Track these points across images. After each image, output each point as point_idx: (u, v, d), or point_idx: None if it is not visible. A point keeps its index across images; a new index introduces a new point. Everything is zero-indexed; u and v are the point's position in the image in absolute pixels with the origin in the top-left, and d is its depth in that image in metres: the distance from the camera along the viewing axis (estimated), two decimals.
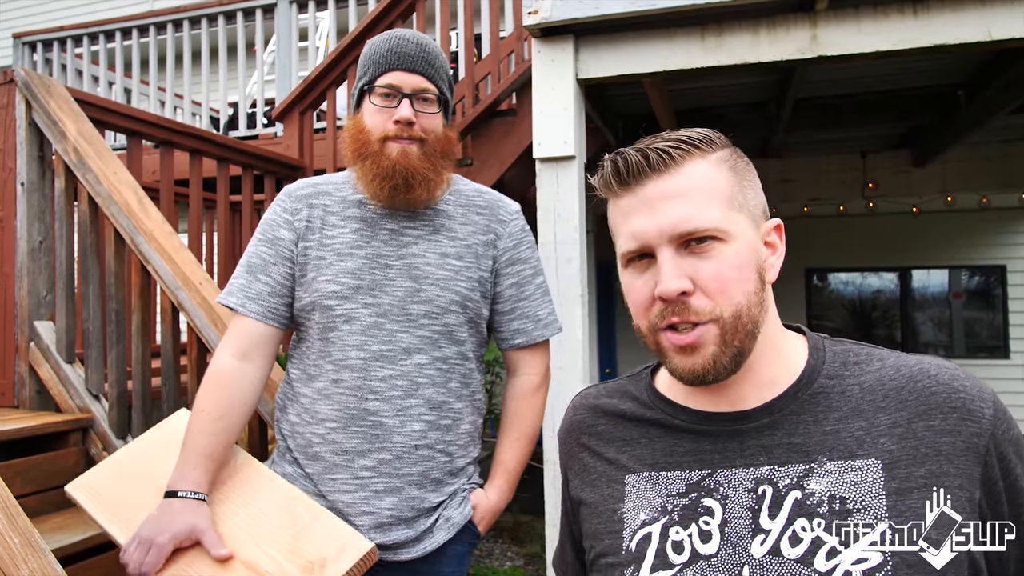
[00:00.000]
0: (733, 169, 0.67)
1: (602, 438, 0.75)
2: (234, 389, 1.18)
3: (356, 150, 1.21)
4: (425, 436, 1.21)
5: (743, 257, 0.64)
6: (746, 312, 0.64)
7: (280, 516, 1.07)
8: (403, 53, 1.20)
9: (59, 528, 1.79)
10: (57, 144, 2.06)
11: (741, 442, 0.66)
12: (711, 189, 0.64)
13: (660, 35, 2.31)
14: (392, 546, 1.20)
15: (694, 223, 0.63)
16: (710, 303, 0.63)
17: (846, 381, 0.66)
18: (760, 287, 0.65)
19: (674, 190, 0.64)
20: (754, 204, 0.67)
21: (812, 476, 0.62)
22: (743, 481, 0.64)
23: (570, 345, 2.22)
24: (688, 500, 0.66)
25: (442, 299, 1.22)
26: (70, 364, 2.11)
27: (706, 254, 0.63)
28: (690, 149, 0.65)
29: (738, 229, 0.64)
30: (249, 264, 1.23)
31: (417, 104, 1.20)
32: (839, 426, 0.63)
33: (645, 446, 0.71)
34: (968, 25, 2.15)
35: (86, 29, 4.47)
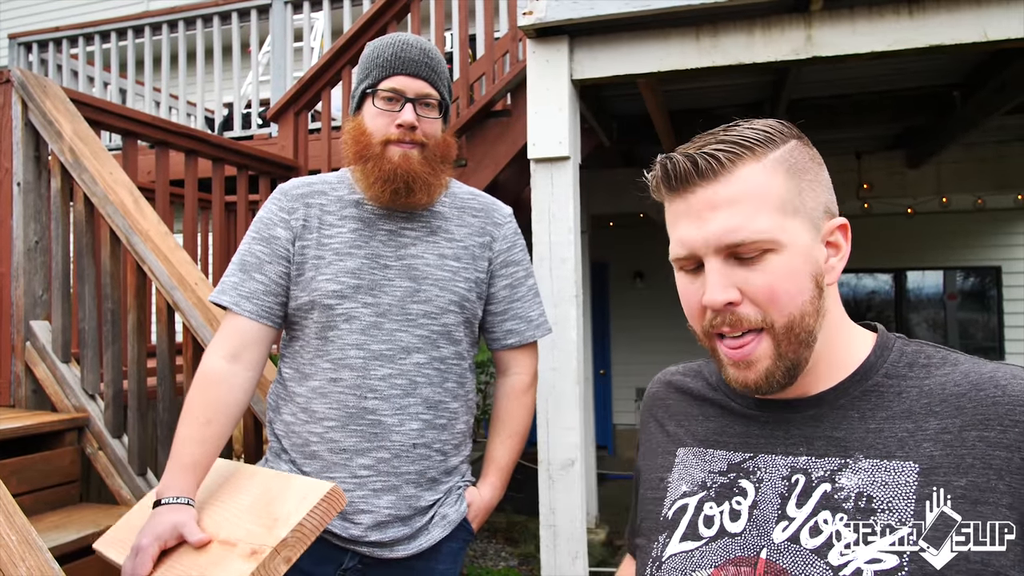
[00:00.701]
0: (791, 170, 0.64)
1: (668, 411, 0.79)
2: (223, 392, 1.17)
3: (357, 152, 1.22)
4: (423, 435, 1.22)
5: (796, 266, 0.62)
6: (799, 323, 0.62)
7: (256, 495, 1.08)
8: (408, 58, 1.21)
9: (55, 527, 1.79)
10: (53, 144, 2.07)
11: (787, 430, 0.67)
12: (761, 196, 0.62)
13: (655, 36, 2.32)
14: (389, 543, 1.21)
15: (741, 234, 0.61)
16: (760, 312, 0.62)
17: (907, 382, 0.64)
18: (816, 294, 0.63)
19: (721, 199, 0.62)
20: (813, 206, 0.65)
21: (845, 471, 0.61)
22: (780, 468, 0.65)
23: (564, 346, 2.23)
24: (726, 479, 0.68)
25: (441, 299, 1.23)
26: (66, 364, 2.12)
27: (756, 265, 0.62)
28: (742, 153, 0.63)
29: (791, 237, 0.62)
30: (243, 262, 1.23)
31: (419, 109, 1.21)
32: (884, 425, 0.62)
33: (701, 423, 0.74)
34: (964, 25, 2.16)
35: (81, 30, 4.47)
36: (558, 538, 2.23)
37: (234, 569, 0.92)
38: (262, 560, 0.92)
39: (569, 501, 2.23)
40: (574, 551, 2.21)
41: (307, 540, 0.97)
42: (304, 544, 0.97)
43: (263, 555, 0.92)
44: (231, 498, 1.11)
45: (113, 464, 2.03)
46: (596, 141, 3.48)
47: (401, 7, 3.05)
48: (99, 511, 1.94)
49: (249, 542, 0.96)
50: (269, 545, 0.93)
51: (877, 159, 4.79)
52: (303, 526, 0.96)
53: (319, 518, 0.98)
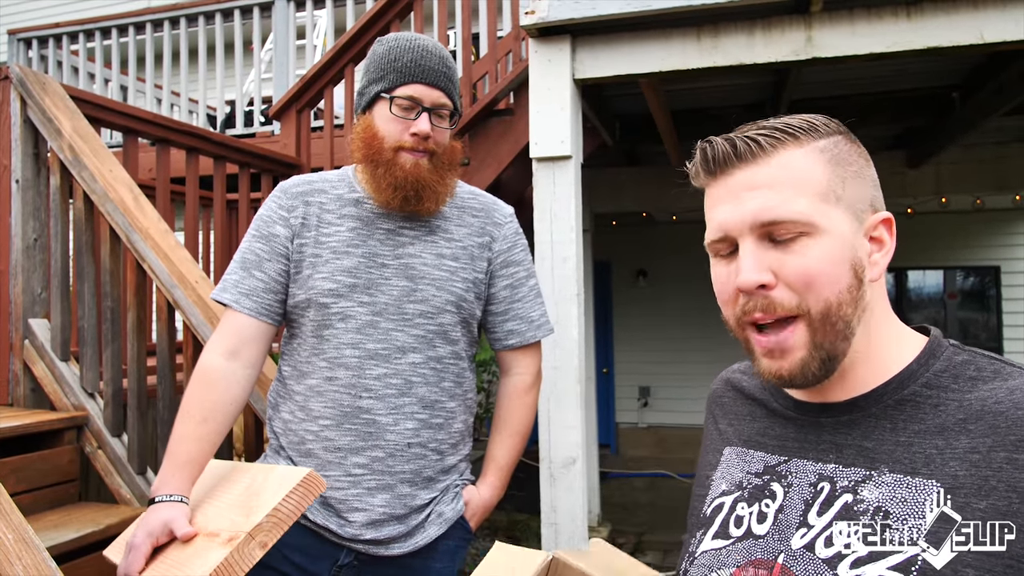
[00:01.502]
0: (835, 160, 0.63)
1: (724, 409, 0.79)
2: (220, 390, 1.17)
3: (368, 155, 1.21)
4: (418, 434, 1.21)
5: (833, 252, 0.60)
6: (836, 311, 0.60)
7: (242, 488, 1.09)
8: (427, 67, 1.20)
9: (53, 526, 1.79)
10: (52, 141, 2.06)
11: (818, 435, 0.65)
12: (802, 180, 0.61)
13: (656, 36, 2.32)
14: (384, 541, 1.21)
15: (776, 212, 0.60)
16: (795, 297, 0.60)
17: (947, 395, 0.61)
18: (856, 285, 0.61)
19: (761, 180, 0.61)
20: (856, 198, 0.63)
21: (868, 483, 0.60)
22: (808, 474, 0.64)
23: (566, 344, 2.23)
24: (760, 481, 0.67)
25: (438, 299, 1.23)
26: (65, 362, 2.11)
27: (792, 247, 0.60)
28: (784, 138, 0.62)
29: (830, 223, 0.61)
30: (243, 260, 1.23)
31: (434, 118, 1.21)
32: (914, 439, 0.60)
33: (748, 423, 0.74)
34: (961, 27, 2.17)
35: (82, 26, 4.46)
36: (559, 536, 2.23)
37: (212, 557, 0.94)
38: (236, 545, 0.93)
39: (570, 499, 2.23)
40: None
41: (284, 525, 0.98)
42: (281, 529, 0.98)
43: (238, 540, 0.94)
44: (222, 494, 1.11)
45: (112, 463, 2.03)
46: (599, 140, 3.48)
47: (404, 5, 3.05)
48: (98, 510, 1.94)
49: (229, 530, 0.98)
50: (244, 531, 0.95)
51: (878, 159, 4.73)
52: (278, 511, 0.97)
53: (295, 503, 0.99)
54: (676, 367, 6.46)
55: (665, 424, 6.59)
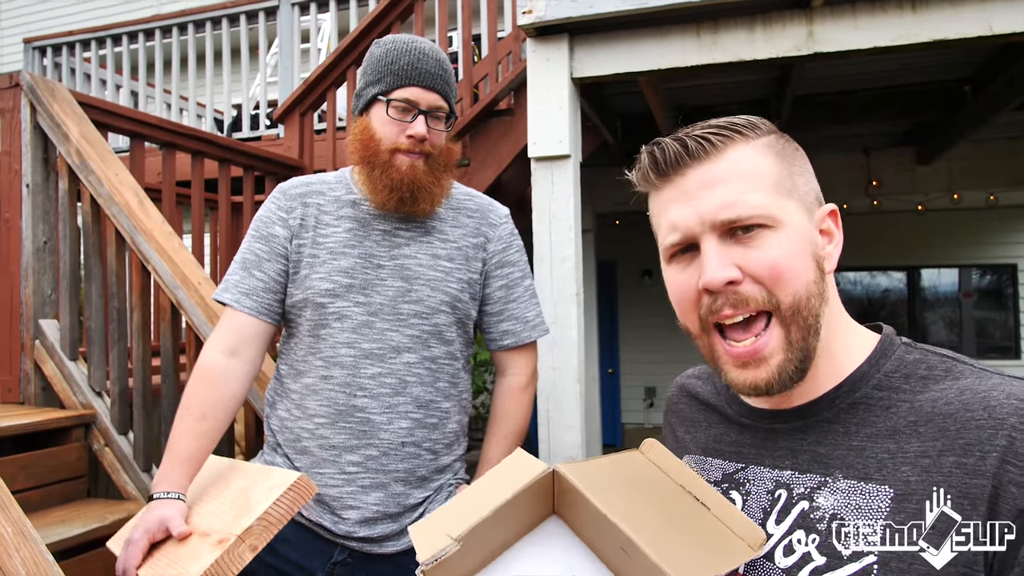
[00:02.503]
0: (780, 155, 0.63)
1: (679, 416, 0.78)
2: (220, 387, 1.19)
3: (364, 157, 1.23)
4: (412, 434, 1.23)
5: (796, 244, 0.60)
6: (805, 304, 0.59)
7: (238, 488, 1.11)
8: (424, 70, 1.22)
9: (61, 521, 1.83)
10: (61, 146, 2.11)
11: (774, 442, 0.65)
12: (755, 174, 0.60)
13: (655, 33, 2.32)
14: (378, 539, 1.22)
15: (737, 209, 0.59)
16: (763, 291, 0.59)
17: (898, 396, 0.59)
18: (819, 277, 0.60)
19: (715, 177, 0.60)
20: (805, 191, 0.63)
21: (823, 490, 0.59)
22: (765, 481, 0.64)
23: (565, 345, 2.24)
24: (719, 489, 0.67)
25: (432, 299, 1.24)
26: (73, 361, 2.16)
27: (754, 242, 0.59)
28: (731, 135, 0.61)
29: (787, 215, 0.60)
30: (244, 260, 1.25)
31: (430, 121, 1.23)
32: (866, 443, 0.59)
33: (704, 430, 0.73)
34: (968, 19, 2.13)
35: (94, 34, 4.54)
36: None
37: (205, 558, 0.95)
38: (226, 548, 0.94)
39: None
40: None
41: (273, 528, 0.99)
42: (270, 532, 0.99)
43: (228, 543, 0.95)
44: (219, 493, 1.13)
45: (119, 460, 2.07)
46: (600, 139, 3.48)
47: (405, 8, 3.07)
48: (106, 506, 1.98)
49: (220, 532, 0.99)
50: (234, 534, 0.96)
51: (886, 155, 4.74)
52: (268, 515, 0.99)
53: (286, 507, 1.01)
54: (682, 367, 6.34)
55: None
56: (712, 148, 0.61)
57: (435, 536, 0.61)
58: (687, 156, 0.61)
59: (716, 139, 0.61)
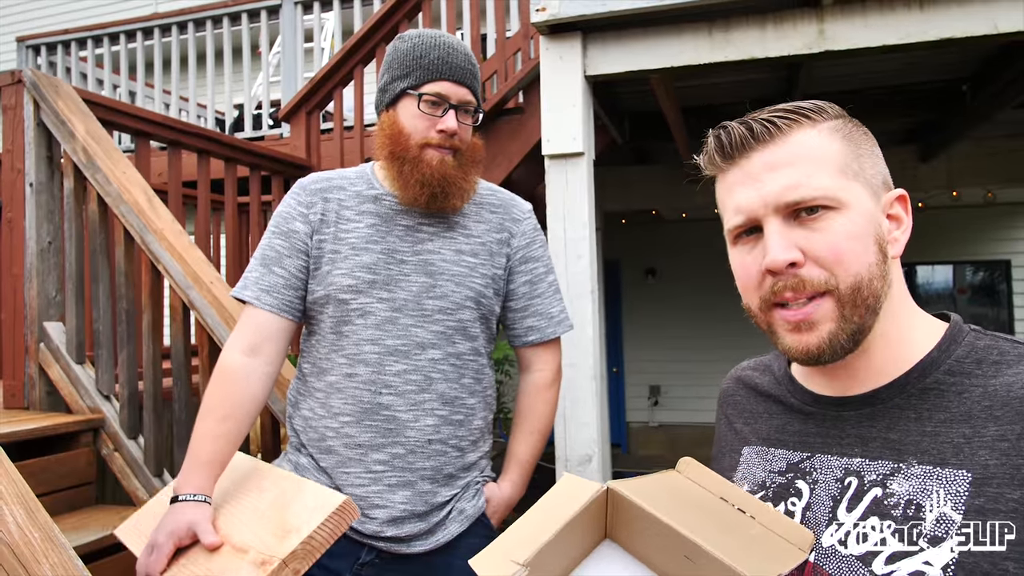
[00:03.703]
0: (848, 138, 0.63)
1: (736, 408, 0.77)
2: (240, 388, 1.17)
3: (393, 152, 1.21)
4: (438, 431, 1.21)
5: (860, 227, 0.60)
6: (867, 285, 0.60)
7: (270, 498, 1.08)
8: (455, 64, 1.20)
9: (72, 528, 1.79)
10: (66, 144, 2.07)
11: (842, 429, 0.64)
12: (820, 157, 0.61)
13: (667, 31, 2.31)
14: (405, 538, 1.20)
15: (801, 191, 0.60)
16: (824, 274, 0.60)
17: (971, 380, 0.59)
18: (882, 260, 0.61)
19: (780, 159, 0.61)
20: (872, 174, 0.63)
21: (897, 476, 0.59)
22: (834, 469, 0.63)
23: (581, 342, 2.22)
24: (784, 479, 0.67)
25: (457, 295, 1.22)
26: (80, 365, 2.11)
27: (818, 224, 0.60)
28: (798, 118, 0.62)
29: (853, 197, 0.60)
30: (263, 257, 1.23)
31: (460, 115, 1.21)
32: (940, 428, 0.58)
33: (765, 421, 0.73)
34: (974, 18, 2.15)
35: (90, 32, 4.48)
36: None
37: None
38: (270, 572, 0.91)
39: None
40: None
41: (316, 553, 0.96)
42: (313, 557, 0.96)
43: (271, 566, 0.91)
44: (246, 499, 1.10)
45: (129, 465, 2.03)
46: (609, 138, 3.47)
47: (412, 6, 3.04)
48: (115, 512, 1.94)
49: (260, 551, 0.96)
50: (278, 557, 0.93)
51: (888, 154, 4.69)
52: (313, 539, 0.95)
53: (329, 531, 0.98)
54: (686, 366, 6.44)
55: (676, 423, 6.56)
56: (777, 131, 0.61)
57: (500, 564, 0.61)
58: (752, 139, 0.62)
59: (782, 122, 0.62)
